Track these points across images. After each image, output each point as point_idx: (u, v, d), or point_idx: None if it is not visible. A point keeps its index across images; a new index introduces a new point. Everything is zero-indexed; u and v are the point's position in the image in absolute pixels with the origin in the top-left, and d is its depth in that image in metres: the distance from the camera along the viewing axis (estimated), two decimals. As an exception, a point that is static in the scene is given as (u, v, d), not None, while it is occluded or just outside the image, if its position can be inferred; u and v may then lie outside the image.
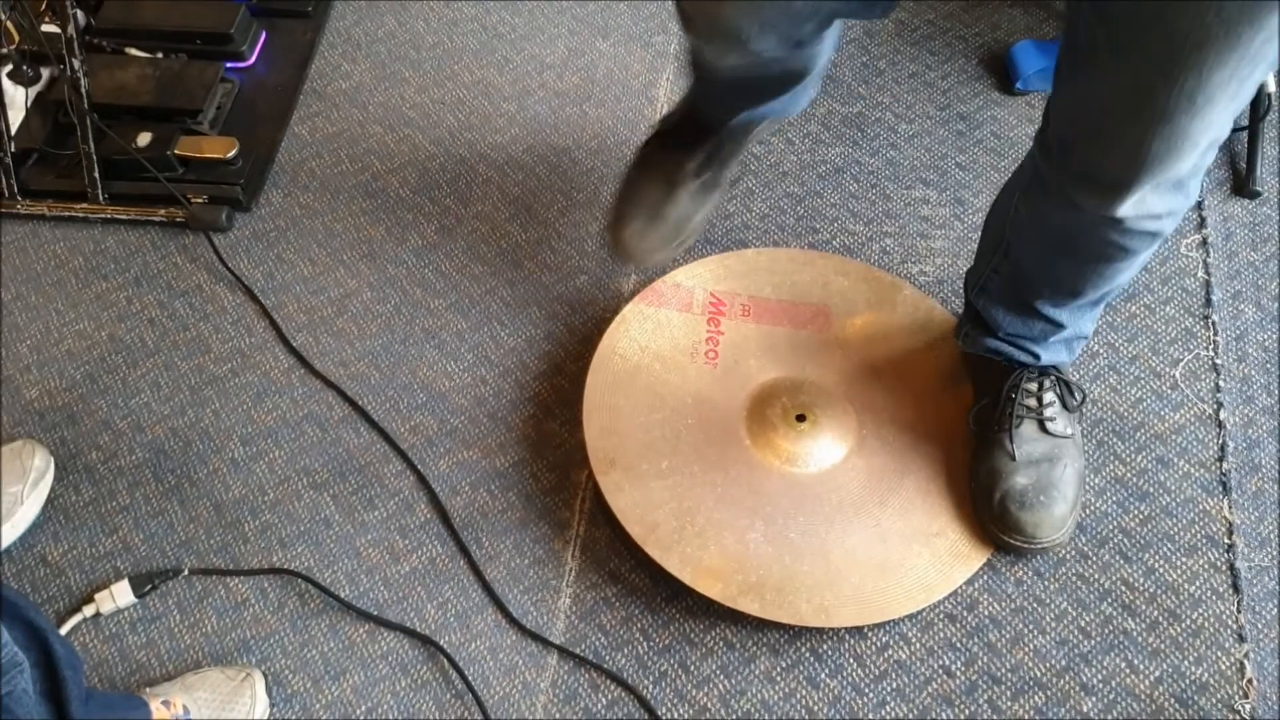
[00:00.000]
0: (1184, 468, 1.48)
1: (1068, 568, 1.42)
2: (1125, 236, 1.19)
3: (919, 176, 1.80)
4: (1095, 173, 1.12)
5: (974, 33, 1.97)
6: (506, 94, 1.95)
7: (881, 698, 1.35)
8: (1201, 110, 0.99)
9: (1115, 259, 1.24)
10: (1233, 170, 1.75)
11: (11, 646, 1.04)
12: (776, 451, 1.49)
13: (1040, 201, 1.25)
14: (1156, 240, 1.22)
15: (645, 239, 1.50)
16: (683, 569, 1.39)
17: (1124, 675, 1.35)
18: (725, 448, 1.50)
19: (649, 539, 1.42)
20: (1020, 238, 1.34)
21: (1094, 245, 1.23)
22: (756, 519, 1.44)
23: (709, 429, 1.51)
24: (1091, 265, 1.27)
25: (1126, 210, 1.13)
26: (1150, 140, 1.02)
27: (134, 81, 1.85)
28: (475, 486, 1.52)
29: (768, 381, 1.55)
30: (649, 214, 1.49)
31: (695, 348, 1.58)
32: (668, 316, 1.60)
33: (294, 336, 1.67)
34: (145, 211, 1.79)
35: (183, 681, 1.34)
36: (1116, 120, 1.04)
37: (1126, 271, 1.28)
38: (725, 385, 1.55)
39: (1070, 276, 1.31)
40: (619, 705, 1.36)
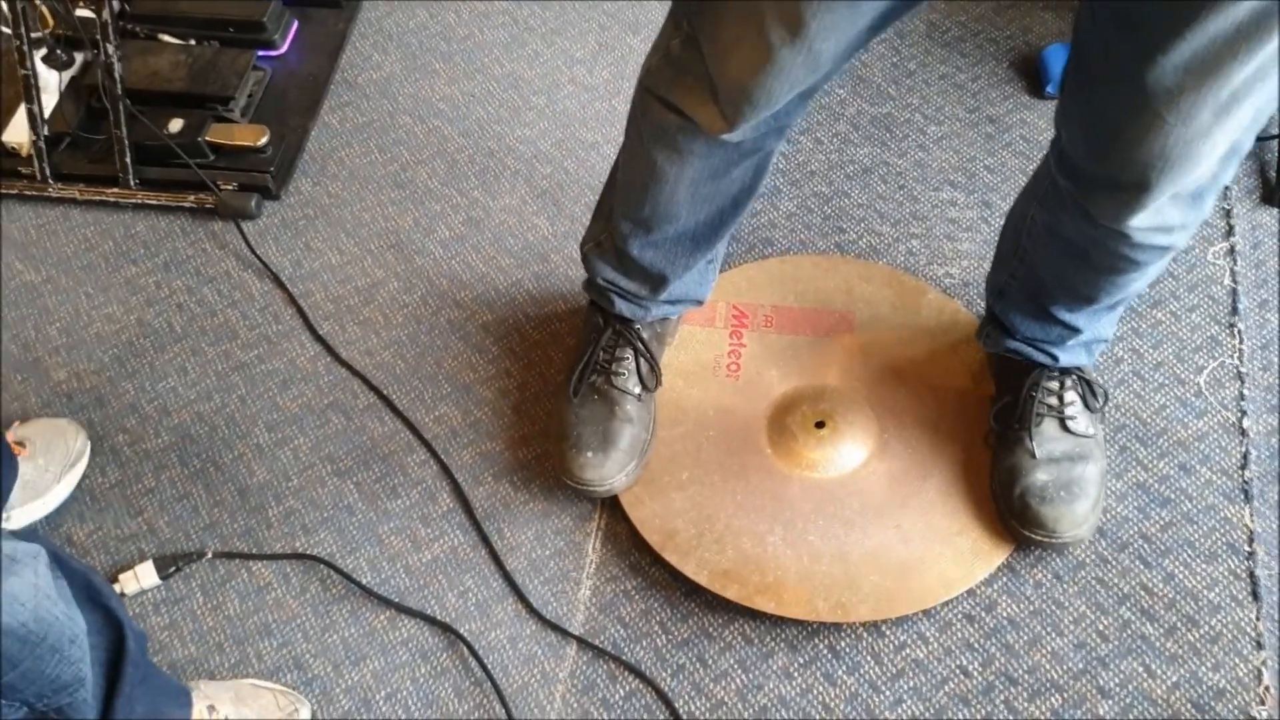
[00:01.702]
0: (1206, 475, 1.48)
1: (1087, 571, 1.42)
2: (1136, 250, 1.18)
3: (947, 179, 1.80)
4: (1112, 183, 1.11)
5: (1005, 35, 1.97)
6: (536, 87, 1.96)
7: (898, 696, 1.35)
8: (1228, 108, 0.97)
9: (1126, 270, 1.24)
10: (1262, 179, 1.74)
11: (81, 664, 1.04)
12: (797, 459, 1.49)
13: (1056, 211, 1.25)
14: (1168, 254, 1.21)
15: (601, 472, 1.43)
16: (700, 573, 1.40)
17: (1141, 679, 1.34)
18: (746, 457, 1.50)
19: (668, 546, 1.43)
20: (1035, 246, 1.34)
21: (1105, 257, 1.22)
22: (776, 524, 1.44)
23: (730, 440, 1.51)
24: (1104, 275, 1.26)
25: (1142, 221, 1.12)
26: (1171, 145, 1.01)
27: (167, 68, 1.86)
28: (498, 478, 1.53)
29: (789, 390, 1.55)
30: (600, 445, 1.44)
31: (718, 361, 1.58)
32: (690, 332, 1.61)
33: (320, 325, 1.68)
34: (175, 198, 1.80)
35: (236, 691, 1.33)
36: (1137, 127, 1.02)
37: (1139, 281, 1.28)
38: (747, 396, 1.55)
39: (1083, 285, 1.30)
40: (636, 697, 1.37)
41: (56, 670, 1.00)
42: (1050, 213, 1.27)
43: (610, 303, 1.47)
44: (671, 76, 1.14)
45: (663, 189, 1.26)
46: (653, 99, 1.18)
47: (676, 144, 1.19)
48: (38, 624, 0.96)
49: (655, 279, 1.42)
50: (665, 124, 1.17)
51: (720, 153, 1.19)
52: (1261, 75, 0.95)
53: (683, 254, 1.38)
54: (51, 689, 1.02)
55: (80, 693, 1.05)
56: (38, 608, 0.97)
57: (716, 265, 1.49)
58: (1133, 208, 1.10)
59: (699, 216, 1.31)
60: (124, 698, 1.13)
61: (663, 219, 1.31)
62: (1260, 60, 0.93)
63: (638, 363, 1.49)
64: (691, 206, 1.29)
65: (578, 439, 1.45)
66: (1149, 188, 1.06)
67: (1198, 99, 0.96)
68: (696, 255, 1.39)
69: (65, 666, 1.01)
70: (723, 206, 1.31)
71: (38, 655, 0.97)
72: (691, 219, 1.31)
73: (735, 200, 1.31)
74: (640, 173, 1.27)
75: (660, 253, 1.37)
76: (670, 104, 1.15)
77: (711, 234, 1.36)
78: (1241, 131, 1.03)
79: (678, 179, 1.23)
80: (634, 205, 1.31)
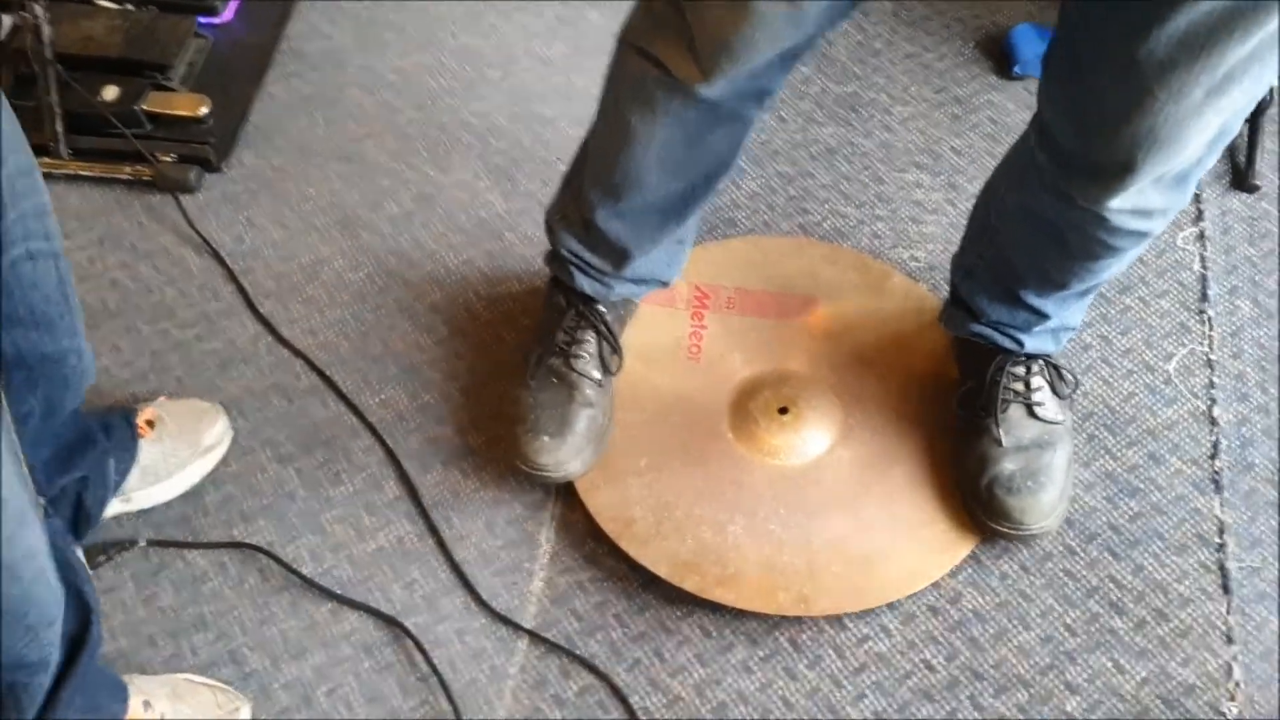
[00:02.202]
0: (1176, 464, 1.45)
1: (1054, 563, 1.39)
2: (1113, 235, 1.15)
3: (913, 160, 1.76)
4: (1097, 163, 1.08)
5: (972, 14, 1.94)
6: (491, 60, 1.90)
7: (860, 691, 1.31)
8: (1222, 88, 0.95)
9: (1102, 256, 1.21)
10: (1232, 164, 1.72)
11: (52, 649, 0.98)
12: (759, 445, 1.45)
13: (1032, 192, 1.22)
14: (1145, 240, 1.18)
15: (557, 456, 1.39)
16: (658, 563, 1.36)
17: (1109, 675, 1.31)
18: (707, 443, 1.46)
19: (625, 535, 1.38)
20: (1007, 227, 1.30)
21: (1081, 242, 1.19)
22: (737, 513, 1.40)
23: (691, 425, 1.47)
24: (1078, 260, 1.24)
25: (1122, 203, 1.09)
26: (1161, 123, 0.98)
27: (102, 32, 1.78)
28: (447, 464, 1.48)
29: (752, 375, 1.51)
30: (557, 429, 1.39)
31: (678, 344, 1.54)
32: (650, 312, 1.55)
33: (262, 303, 1.62)
34: (110, 169, 1.73)
35: (173, 686, 1.26)
36: (1127, 105, 1.00)
37: (1113, 267, 1.25)
38: (708, 380, 1.51)
39: (1056, 270, 1.27)
40: (590, 693, 1.32)
41: (25, 649, 0.94)
42: (1025, 193, 1.23)
43: (571, 277, 1.41)
44: (650, 28, 1.12)
45: (634, 153, 1.23)
46: (631, 51, 1.15)
47: (652, 102, 1.16)
48: (24, 600, 0.90)
49: (620, 253, 1.37)
50: (642, 78, 1.14)
51: (695, 115, 1.16)
52: (1258, 56, 0.93)
53: (650, 227, 1.34)
54: (15, 666, 0.95)
55: (40, 678, 0.99)
56: (32, 583, 0.91)
57: (686, 248, 1.45)
58: (1114, 189, 1.07)
59: (669, 187, 1.28)
60: (70, 688, 1.06)
61: (632, 187, 1.27)
62: (1258, 40, 0.91)
63: (599, 346, 1.44)
64: (662, 175, 1.25)
65: (534, 423, 1.40)
66: (1134, 168, 1.03)
67: (1190, 75, 0.94)
68: (664, 230, 1.35)
69: (35, 648, 0.95)
70: (694, 180, 1.27)
71: (14, 632, 0.91)
72: (661, 189, 1.27)
73: (708, 174, 1.28)
74: (613, 136, 1.24)
75: (627, 224, 1.33)
76: (648, 54, 1.13)
77: (682, 208, 1.32)
78: (1233, 113, 1.01)
79: (649, 142, 1.20)
80: (604, 172, 1.29)
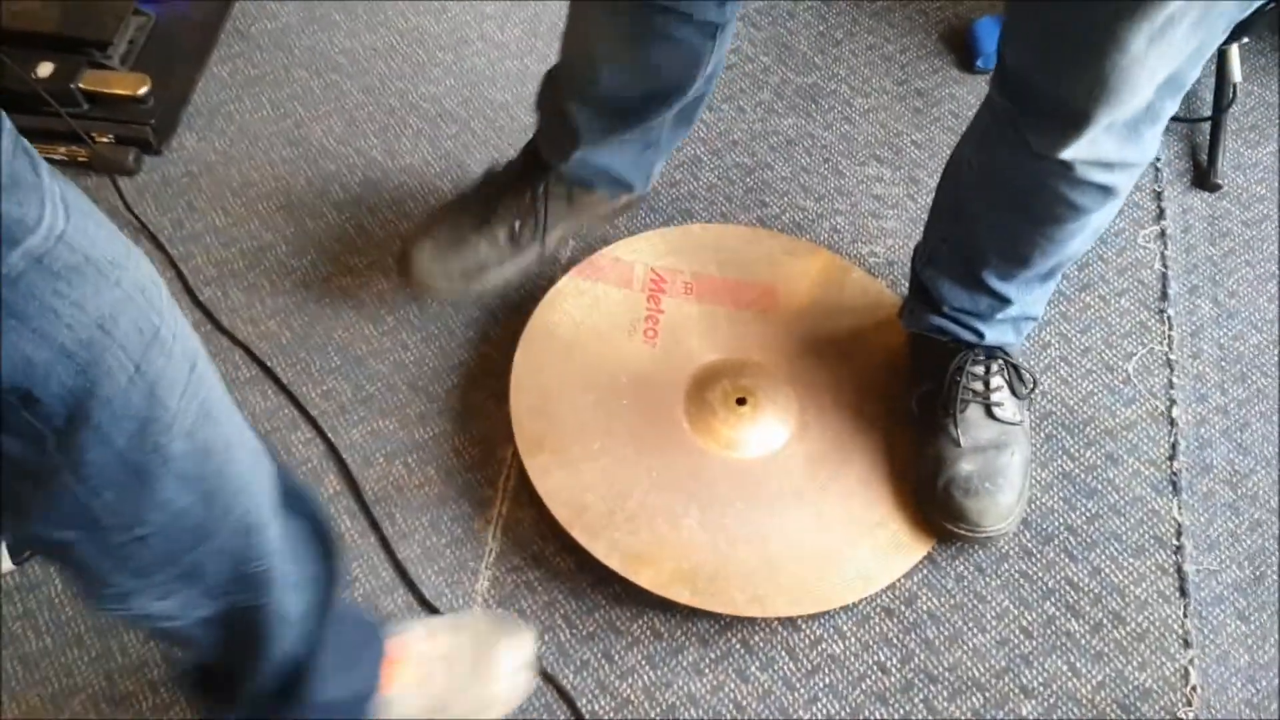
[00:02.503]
0: (1134, 465, 1.43)
1: (1011, 564, 1.36)
2: (1075, 190, 1.14)
3: (873, 153, 1.73)
4: (1050, 104, 1.07)
5: (935, 7, 1.91)
6: (443, 43, 1.85)
7: (813, 694, 1.28)
8: (1161, 32, 0.94)
9: (1065, 218, 1.19)
10: (1194, 162, 1.70)
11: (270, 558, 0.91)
12: (715, 436, 1.41)
13: (994, 149, 1.21)
14: (1109, 198, 1.16)
15: (430, 265, 1.44)
16: (610, 555, 1.31)
17: (1065, 679, 1.29)
18: (662, 431, 1.42)
19: (576, 523, 1.34)
20: (972, 196, 1.29)
21: (1045, 200, 1.17)
22: (692, 504, 1.36)
23: (646, 411, 1.43)
24: (1042, 227, 1.22)
25: (1079, 151, 1.08)
26: (1108, 68, 0.98)
27: (37, 7, 1.71)
28: (390, 458, 1.43)
29: (709, 363, 1.47)
30: (448, 243, 1.44)
31: (634, 325, 1.50)
32: (605, 291, 1.52)
33: (201, 290, 1.56)
34: (44, 149, 1.66)
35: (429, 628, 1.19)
36: (1074, 47, 1.00)
37: (1076, 237, 1.23)
38: (664, 365, 1.47)
39: (1020, 239, 1.25)
40: (536, 695, 1.28)
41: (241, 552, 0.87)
42: (987, 152, 1.22)
43: (534, 137, 1.46)
44: None
45: (579, 39, 1.30)
46: None
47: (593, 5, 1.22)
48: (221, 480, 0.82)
49: (571, 134, 1.38)
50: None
51: (627, 18, 1.20)
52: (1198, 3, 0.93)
53: (601, 120, 1.36)
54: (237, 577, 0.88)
55: (271, 597, 0.91)
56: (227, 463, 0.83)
57: (656, 157, 1.47)
58: (1069, 134, 1.06)
59: (615, 88, 1.30)
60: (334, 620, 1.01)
61: (581, 75, 1.33)
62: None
63: (524, 207, 1.45)
64: (609, 73, 1.29)
65: (430, 228, 1.45)
66: (1087, 114, 1.03)
67: (1132, 23, 0.94)
68: (615, 131, 1.37)
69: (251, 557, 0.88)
70: (648, 88, 1.30)
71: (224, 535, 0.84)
72: (608, 87, 1.30)
73: (663, 86, 1.29)
74: (570, 17, 1.29)
75: (580, 110, 1.35)
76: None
77: (634, 116, 1.33)
78: (1183, 60, 1.00)
79: (590, 34, 1.27)
80: (564, 49, 1.35)
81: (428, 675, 1.14)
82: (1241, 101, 1.75)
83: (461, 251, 1.44)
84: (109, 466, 0.72)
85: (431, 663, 1.15)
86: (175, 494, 0.78)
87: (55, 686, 1.28)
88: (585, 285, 1.52)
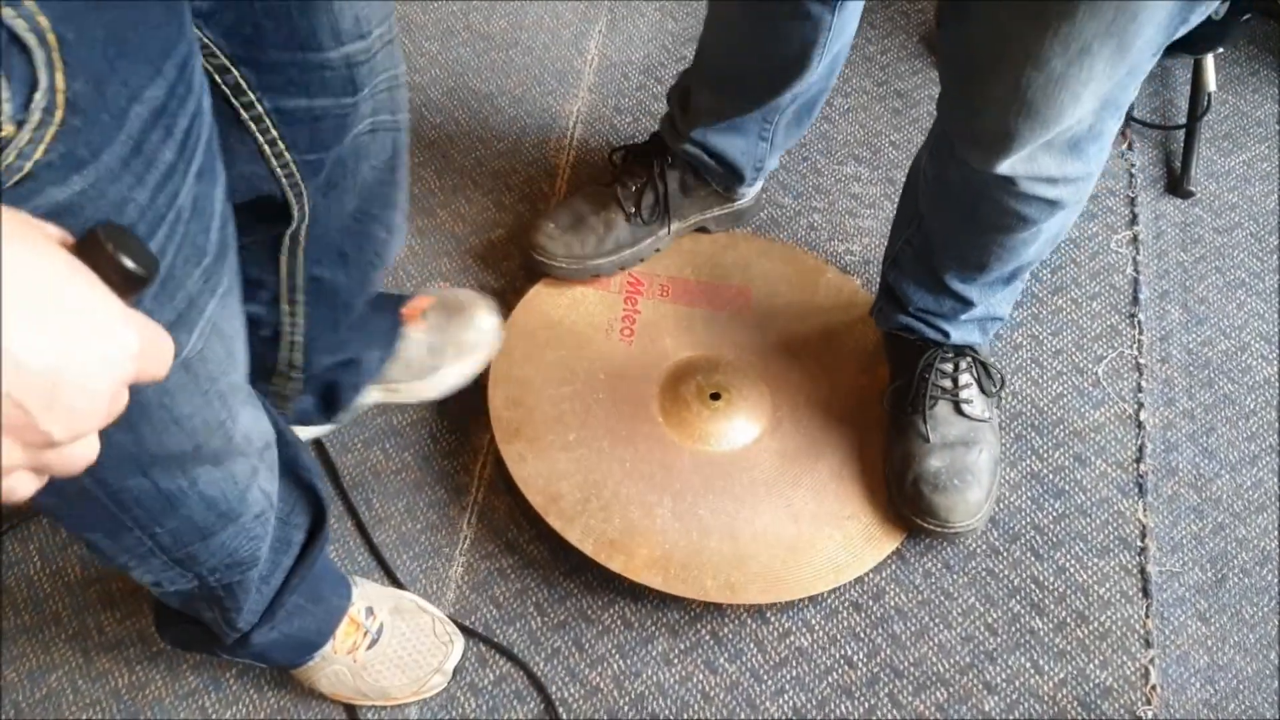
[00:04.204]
0: (1101, 467, 1.46)
1: (978, 562, 1.38)
2: (1020, 202, 1.14)
3: (851, 153, 1.74)
4: (975, 122, 1.08)
5: (917, 9, 1.92)
6: (429, 33, 1.86)
7: (780, 685, 1.30)
8: (1078, 59, 0.94)
9: (1014, 228, 1.20)
10: (1168, 168, 1.72)
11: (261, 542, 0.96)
12: (689, 430, 1.43)
13: (944, 161, 1.21)
14: (1057, 211, 1.17)
15: (549, 244, 1.52)
16: (584, 540, 1.33)
17: (1028, 675, 1.31)
18: (637, 424, 1.43)
19: (551, 509, 1.35)
20: (927, 203, 1.30)
21: (992, 211, 1.18)
22: (665, 495, 1.38)
23: (621, 404, 1.44)
24: (992, 235, 1.23)
25: (1015, 169, 1.09)
26: (1025, 87, 0.98)
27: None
28: (368, 444, 1.44)
29: (683, 359, 1.49)
30: (568, 224, 1.53)
31: (611, 324, 1.51)
32: (583, 293, 1.54)
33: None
34: None
35: (397, 602, 1.27)
36: (991, 64, 1.01)
37: (1031, 245, 1.24)
38: (640, 361, 1.48)
39: (974, 248, 1.26)
40: (507, 682, 1.29)
41: (235, 545, 0.92)
42: (939, 163, 1.23)
43: (661, 124, 1.54)
44: None
45: (709, 22, 1.40)
46: None
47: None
48: (240, 503, 0.88)
49: (691, 113, 1.46)
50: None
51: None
52: (1115, 33, 0.92)
53: (720, 97, 1.42)
54: (226, 564, 0.93)
55: (251, 572, 0.97)
56: (248, 489, 0.88)
57: (770, 153, 1.51)
58: (998, 151, 1.07)
59: (739, 61, 1.37)
60: (298, 576, 1.06)
61: (705, 54, 1.43)
62: (1111, 18, 0.91)
63: (645, 187, 1.53)
64: (729, 52, 1.37)
65: (554, 213, 1.54)
66: (1011, 132, 1.04)
67: (1043, 45, 0.94)
68: (735, 110, 1.42)
69: (244, 543, 0.93)
70: (769, 64, 1.34)
71: (229, 531, 0.89)
72: (733, 61, 1.38)
73: (782, 62, 1.32)
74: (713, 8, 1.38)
75: (704, 88, 1.43)
76: None
77: (754, 93, 1.39)
78: (1111, 85, 1.00)
79: (722, 6, 1.35)
80: (701, 37, 1.44)
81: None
82: (1215, 110, 1.77)
83: (580, 233, 1.51)
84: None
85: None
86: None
87: (32, 663, 1.28)
88: (564, 287, 1.54)
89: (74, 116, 0.53)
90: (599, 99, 1.78)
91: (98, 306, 0.44)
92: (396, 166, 1.06)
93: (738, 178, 1.52)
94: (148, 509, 0.81)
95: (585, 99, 1.79)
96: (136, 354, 0.46)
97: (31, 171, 0.52)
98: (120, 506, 0.79)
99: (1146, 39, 0.94)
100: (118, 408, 0.46)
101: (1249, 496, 1.43)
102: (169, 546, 0.86)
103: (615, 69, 1.82)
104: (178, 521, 0.84)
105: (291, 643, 1.15)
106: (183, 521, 0.84)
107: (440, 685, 1.27)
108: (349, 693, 1.23)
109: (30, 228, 0.43)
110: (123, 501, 0.79)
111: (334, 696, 1.25)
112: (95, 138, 0.54)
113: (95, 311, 0.44)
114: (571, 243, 1.51)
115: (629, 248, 1.53)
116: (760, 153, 1.49)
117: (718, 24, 1.38)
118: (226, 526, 0.89)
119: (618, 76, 1.81)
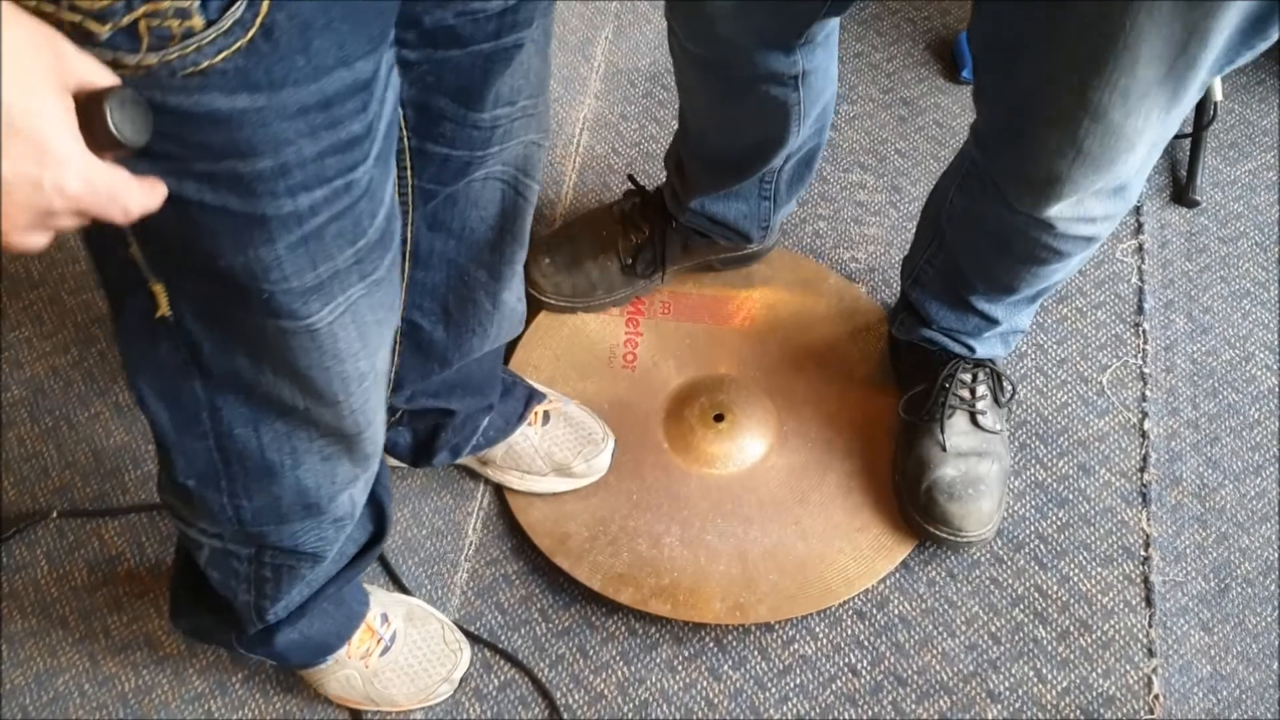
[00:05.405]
0: (1105, 476, 1.46)
1: (981, 570, 1.39)
2: (1059, 240, 1.15)
3: (857, 160, 1.75)
4: (1026, 171, 1.07)
5: (923, 17, 1.92)
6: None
7: (784, 693, 1.31)
8: (1136, 108, 0.94)
9: (1049, 261, 1.20)
10: (1173, 177, 1.72)
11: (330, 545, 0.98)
12: (695, 454, 1.43)
13: (976, 197, 1.21)
14: (1092, 245, 1.18)
15: (543, 280, 1.52)
16: (593, 577, 1.34)
17: (1031, 684, 1.32)
18: (643, 453, 1.44)
19: (559, 551, 1.36)
20: (955, 231, 1.30)
21: (1027, 247, 1.19)
22: (673, 524, 1.38)
23: (626, 435, 1.44)
24: (1025, 265, 1.23)
25: (1061, 211, 1.09)
26: (1083, 138, 0.97)
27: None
28: (375, 449, 1.45)
29: (686, 382, 1.49)
30: (565, 263, 1.52)
31: (613, 352, 1.52)
32: (584, 321, 1.54)
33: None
34: None
35: (409, 609, 1.29)
36: (1046, 116, 0.99)
37: (1061, 272, 1.24)
38: (643, 389, 1.49)
39: (1004, 274, 1.27)
40: (512, 687, 1.30)
41: (305, 539, 0.94)
42: (970, 198, 1.22)
43: (660, 192, 1.52)
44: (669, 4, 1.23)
45: (685, 95, 1.37)
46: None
47: (683, 63, 1.28)
48: (329, 502, 0.91)
49: (686, 185, 1.44)
50: (672, 44, 1.28)
51: (715, 78, 1.25)
52: (1172, 79, 0.91)
53: (709, 173, 1.40)
54: (290, 551, 0.95)
55: (306, 568, 0.99)
56: (341, 491, 0.92)
57: (775, 210, 1.47)
58: (1053, 196, 1.06)
59: (720, 140, 1.36)
60: (335, 584, 1.09)
61: (690, 131, 1.40)
62: (1175, 51, 0.89)
63: (641, 245, 1.51)
64: (712, 127, 1.35)
65: (552, 247, 1.53)
66: (1069, 176, 1.02)
67: (1103, 90, 0.92)
68: (726, 183, 1.40)
69: (314, 540, 0.95)
70: (748, 142, 1.33)
71: (305, 525, 0.92)
72: (714, 141, 1.36)
73: (761, 139, 1.31)
74: (677, 81, 1.35)
75: (694, 162, 1.42)
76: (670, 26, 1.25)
77: (741, 167, 1.37)
78: (1163, 130, 0.99)
79: (690, 93, 1.34)
80: (680, 108, 1.42)
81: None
82: (1222, 119, 1.77)
83: (573, 273, 1.52)
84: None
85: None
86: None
87: (39, 667, 1.29)
88: (563, 317, 1.54)
89: (265, 42, 0.56)
90: (605, 105, 1.79)
91: (50, 137, 0.49)
92: (505, 229, 1.06)
93: (744, 238, 1.50)
94: (246, 470, 0.83)
95: (592, 105, 1.79)
96: (72, 194, 0.51)
97: (205, 69, 0.55)
98: (223, 455, 0.81)
99: (1200, 82, 0.94)
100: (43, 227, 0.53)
101: (1252, 506, 1.44)
102: (247, 521, 0.88)
103: (622, 75, 1.83)
104: (266, 499, 0.86)
105: (310, 644, 1.16)
106: (270, 501, 0.86)
107: (447, 694, 1.27)
108: (357, 698, 1.23)
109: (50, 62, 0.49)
110: (226, 450, 0.81)
111: (341, 701, 1.25)
112: (280, 72, 0.57)
113: (44, 140, 0.49)
114: (562, 284, 1.52)
115: (622, 290, 1.53)
116: (764, 212, 1.46)
117: (689, 105, 1.37)
118: (305, 520, 0.91)
119: (624, 83, 1.82)
